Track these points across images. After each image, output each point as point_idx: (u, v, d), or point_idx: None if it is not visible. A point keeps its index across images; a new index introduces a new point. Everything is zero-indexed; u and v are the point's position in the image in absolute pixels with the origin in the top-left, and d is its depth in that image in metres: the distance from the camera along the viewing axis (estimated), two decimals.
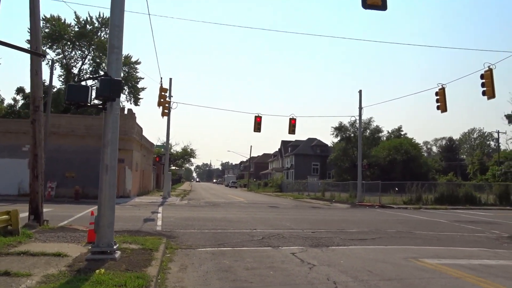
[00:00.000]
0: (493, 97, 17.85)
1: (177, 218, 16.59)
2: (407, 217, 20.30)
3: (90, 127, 28.88)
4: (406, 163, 58.31)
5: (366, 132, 61.67)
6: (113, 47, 7.90)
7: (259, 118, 28.82)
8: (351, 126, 62.16)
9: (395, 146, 61.02)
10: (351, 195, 35.47)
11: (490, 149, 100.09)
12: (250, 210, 22.42)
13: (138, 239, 9.98)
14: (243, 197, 42.19)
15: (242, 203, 30.48)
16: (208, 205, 26.10)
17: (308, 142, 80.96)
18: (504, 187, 34.75)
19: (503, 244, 12.13)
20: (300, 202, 34.74)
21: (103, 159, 7.82)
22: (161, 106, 23.54)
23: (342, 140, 63.80)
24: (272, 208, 25.50)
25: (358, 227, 15.18)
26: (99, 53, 44.34)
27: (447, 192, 32.04)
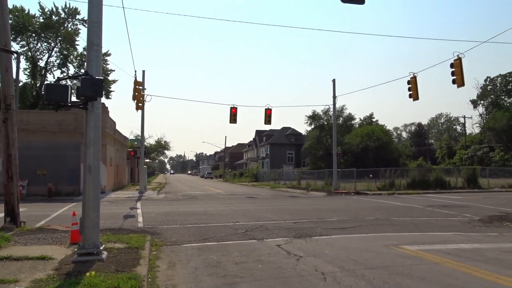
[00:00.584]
0: (463, 85, 18.46)
1: (157, 213, 16.50)
2: (382, 204, 20.84)
3: (61, 123, 28.14)
4: (378, 150, 59.63)
5: (339, 120, 62.51)
6: (92, 44, 7.73)
7: (235, 109, 28.85)
8: (325, 114, 62.92)
9: (367, 133, 62.22)
10: (326, 182, 36.06)
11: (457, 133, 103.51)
12: (229, 202, 22.50)
13: (122, 237, 9.91)
14: (220, 188, 42.23)
15: (220, 194, 30.52)
16: (186, 198, 26.02)
17: (283, 131, 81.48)
18: (472, 171, 36.08)
19: (475, 227, 12.67)
20: (278, 191, 35.08)
21: (86, 159, 7.70)
22: (136, 100, 23.15)
23: (316, 128, 64.48)
24: (251, 199, 25.66)
25: (337, 215, 15.50)
26: (67, 45, 43.08)
27: (419, 177, 33.02)
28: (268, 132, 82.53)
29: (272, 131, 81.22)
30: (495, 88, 76.68)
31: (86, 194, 7.65)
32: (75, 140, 27.71)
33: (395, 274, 6.81)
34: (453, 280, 6.47)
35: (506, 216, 15.00)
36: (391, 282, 6.38)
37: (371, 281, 6.41)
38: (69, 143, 27.86)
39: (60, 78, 7.21)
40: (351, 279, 6.57)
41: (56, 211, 17.19)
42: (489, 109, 76.26)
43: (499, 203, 20.25)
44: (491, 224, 13.33)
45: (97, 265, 7.06)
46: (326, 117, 62.62)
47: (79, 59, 44.26)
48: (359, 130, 65.78)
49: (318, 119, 63.65)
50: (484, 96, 78.21)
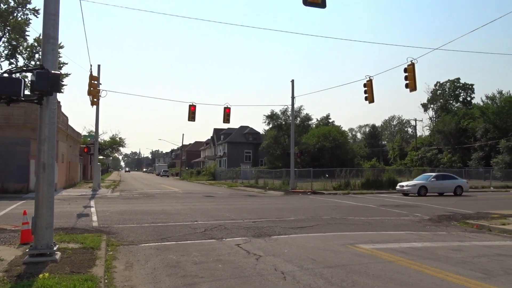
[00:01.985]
0: (415, 89, 19.20)
1: (112, 212, 16.08)
2: (338, 203, 21.37)
3: (9, 117, 26.76)
4: (334, 150, 60.99)
5: (296, 120, 63.35)
6: (48, 37, 7.42)
7: (194, 107, 28.54)
8: (283, 114, 63.58)
9: (324, 134, 63.46)
10: (284, 182, 36.48)
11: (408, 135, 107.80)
12: (187, 201, 22.28)
13: (76, 237, 9.59)
14: (177, 186, 41.71)
15: (177, 193, 30.16)
16: (143, 197, 25.52)
17: (241, 130, 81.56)
18: (422, 172, 37.78)
19: (426, 226, 13.29)
20: (235, 190, 35.10)
21: (40, 157, 7.38)
22: (91, 95, 22.42)
23: (274, 128, 65.03)
24: (208, 197, 25.54)
25: (295, 215, 15.75)
26: (16, 35, 40.95)
27: (373, 177, 34.13)
28: (226, 130, 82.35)
29: (230, 130, 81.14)
30: (444, 93, 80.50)
31: (40, 192, 7.35)
32: (24, 135, 26.45)
33: (352, 273, 7.03)
34: (406, 278, 6.76)
35: (454, 215, 15.84)
36: (349, 280, 6.58)
37: (329, 280, 6.58)
38: (18, 138, 26.55)
39: (12, 70, 6.88)
40: (310, 277, 6.71)
41: (4, 210, 16.35)
42: (438, 113, 79.97)
43: (447, 203, 21.33)
44: (440, 223, 14.02)
45: (51, 266, 6.81)
46: (284, 117, 63.33)
47: (29, 50, 42.18)
48: (316, 130, 67.01)
49: (276, 118, 64.27)
50: (434, 100, 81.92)
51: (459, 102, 78.93)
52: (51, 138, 7.47)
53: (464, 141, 63.66)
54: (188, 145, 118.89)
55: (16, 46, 41.57)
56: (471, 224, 13.46)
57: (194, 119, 28.56)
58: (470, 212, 16.84)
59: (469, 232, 12.24)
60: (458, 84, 78.89)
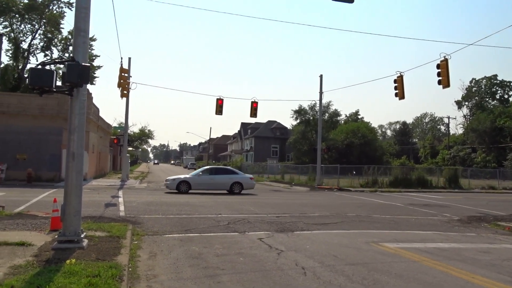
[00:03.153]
0: (448, 86, 18.72)
1: (139, 202, 16.46)
2: (364, 201, 21.15)
3: (43, 107, 27.69)
4: (363, 147, 60.23)
5: (325, 116, 62.89)
6: (79, 30, 7.64)
7: (221, 100, 28.72)
8: (311, 109, 63.14)
9: (352, 130, 62.74)
10: (310, 178, 36.32)
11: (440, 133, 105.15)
12: (212, 194, 22.53)
13: (103, 225, 9.89)
14: None
15: None
16: None
17: (268, 124, 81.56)
18: (453, 171, 36.81)
19: (454, 227, 12.99)
20: (261, 185, 35.20)
21: (70, 146, 7.64)
22: (121, 87, 22.92)
23: (302, 123, 64.72)
24: None
25: (319, 211, 15.70)
26: (51, 28, 42.27)
27: (401, 175, 33.52)
28: (254, 125, 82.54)
29: (258, 124, 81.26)
30: (480, 90, 78.00)
31: (69, 181, 7.61)
32: (57, 125, 27.32)
33: (374, 271, 6.98)
34: (430, 278, 6.66)
35: (485, 217, 15.40)
36: (370, 278, 6.53)
37: (350, 277, 6.55)
38: (51, 128, 27.45)
39: (45, 62, 7.12)
40: (330, 274, 6.71)
41: (36, 197, 17.01)
42: (473, 111, 77.60)
43: (479, 204, 20.75)
44: (469, 224, 13.68)
45: (78, 253, 7.06)
46: (312, 112, 62.92)
47: (63, 42, 43.50)
48: (345, 126, 66.29)
49: (304, 114, 63.93)
50: (468, 97, 79.52)
51: (495, 100, 76.33)
52: (81, 128, 7.71)
53: (500, 141, 61.53)
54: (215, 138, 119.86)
55: (51, 39, 42.94)
56: (503, 226, 13.07)
57: (221, 113, 28.74)
58: (502, 214, 16.34)
59: (500, 234, 11.90)
60: (495, 81, 76.25)
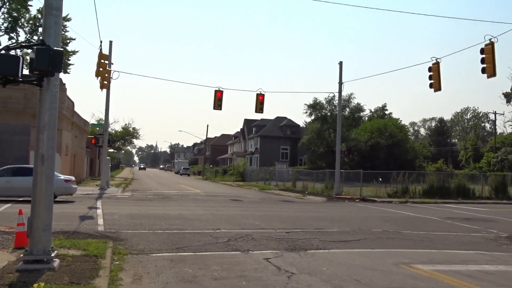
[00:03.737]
0: (494, 75, 18.63)
1: (122, 215, 16.52)
2: (393, 213, 21.12)
3: (7, 100, 27.90)
4: (391, 148, 60.04)
5: (345, 111, 62.67)
6: (51, 8, 7.68)
7: (220, 93, 28.76)
8: (328, 103, 62.86)
9: (378, 128, 62.59)
10: (327, 185, 36.33)
11: (485, 132, 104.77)
12: (209, 205, 22.61)
13: (78, 242, 9.92)
14: (199, 187, 42.31)
15: (198, 195, 30.64)
16: (158, 198, 26.09)
17: (277, 121, 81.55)
18: (501, 178, 36.60)
19: (502, 245, 12.92)
20: (268, 194, 35.25)
21: (38, 147, 7.68)
22: (100, 77, 23.02)
23: (317, 120, 64.50)
24: (235, 202, 25.83)
25: (338, 225, 15.68)
26: (17, 6, 42.53)
27: (437, 183, 33.43)
28: (259, 122, 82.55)
29: (264, 121, 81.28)
30: None
31: (37, 189, 7.64)
32: (23, 122, 27.51)
33: None
34: None
35: None
36: None
37: None
38: (16, 126, 27.65)
39: (9, 46, 7.15)
40: None
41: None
42: None
43: None
44: None
45: (47, 275, 7.08)
46: (330, 106, 62.73)
47: (31, 23, 43.70)
48: (369, 124, 66.12)
49: (320, 108, 63.71)
50: None
51: None
52: (52, 125, 7.74)
53: None
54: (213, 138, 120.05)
55: (17, 19, 43.17)
56: None
57: (220, 107, 28.77)
58: None
59: None
60: None
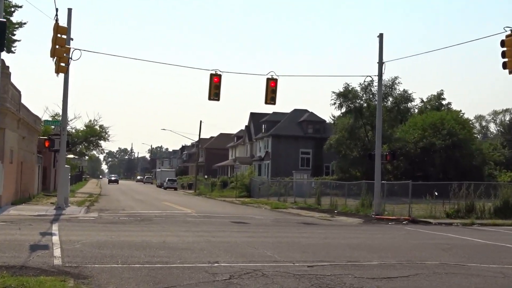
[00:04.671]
0: None
1: (86, 243, 16.50)
2: (454, 240, 21.01)
3: None
4: (450, 151, 59.70)
5: (387, 101, 62.44)
6: None
7: (217, 78, 28.80)
8: (364, 90, 62.58)
9: (432, 124, 62.32)
10: (363, 202, 36.21)
11: None
12: (204, 229, 22.57)
13: (27, 281, 9.91)
14: (190, 205, 42.30)
15: (189, 216, 30.64)
16: (134, 221, 26.04)
17: (294, 116, 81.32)
18: None
19: None
20: (283, 214, 35.16)
21: None
22: (56, 57, 23.01)
23: (349, 113, 64.28)
24: (239, 225, 25.82)
25: (379, 256, 15.58)
26: None
27: None
28: (271, 117, 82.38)
29: (277, 116, 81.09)
30: None
31: None
32: None
33: None
34: None
35: None
36: None
37: None
38: None
39: None
40: None
41: None
42: None
43: None
44: None
45: None
46: (367, 95, 62.51)
47: None
48: (420, 118, 65.88)
49: (353, 98, 63.45)
50: None
51: None
52: None
53: None
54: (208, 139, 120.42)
55: None
56: None
57: (218, 97, 28.79)
58: None
59: None
60: None
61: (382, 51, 33.60)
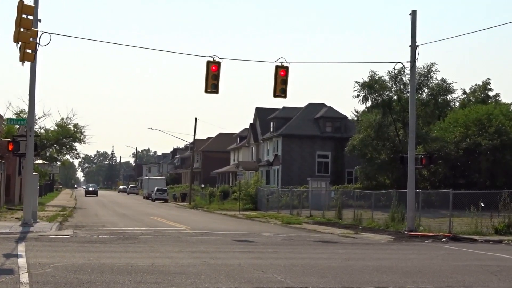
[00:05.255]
0: None
1: (59, 267, 16.51)
2: (505, 261, 20.99)
3: None
4: (499, 153, 59.43)
5: (422, 92, 62.28)
6: None
7: (216, 65, 28.86)
8: (393, 80, 62.41)
9: (478, 120, 62.09)
10: (394, 216, 36.13)
11: None
12: (201, 249, 22.57)
13: None
14: (184, 221, 42.32)
15: (183, 233, 30.63)
16: (117, 239, 26.05)
17: (309, 111, 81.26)
18: None
19: None
20: (297, 230, 35.11)
21: None
22: (20, 41, 23.12)
23: (376, 107, 64.04)
24: (243, 244, 25.83)
25: (414, 281, 15.57)
26: None
27: None
28: (281, 112, 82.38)
29: (289, 111, 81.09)
30: None
31: None
32: None
33: None
34: None
35: None
36: None
37: None
38: None
39: None
40: None
41: None
42: None
43: None
44: None
45: None
46: (397, 86, 62.33)
47: None
48: (462, 113, 65.66)
49: (380, 89, 63.19)
50: None
51: None
52: None
53: None
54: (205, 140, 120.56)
55: None
56: None
57: (216, 90, 28.87)
58: None
59: None
60: None
61: (415, 32, 33.52)
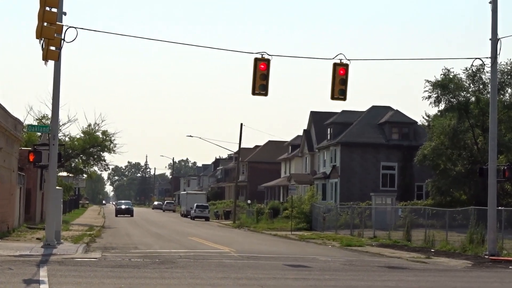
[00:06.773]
0: None
1: None
2: None
3: None
4: None
5: (504, 94, 61.71)
6: None
7: (265, 63, 28.92)
8: (471, 79, 62.05)
9: None
10: (472, 237, 35.84)
11: None
12: (248, 275, 22.49)
13: None
14: (228, 242, 42.32)
15: (227, 257, 30.58)
16: (152, 263, 26.09)
17: (372, 115, 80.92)
18: None
19: None
20: (358, 254, 34.98)
21: None
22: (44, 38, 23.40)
23: (450, 110, 63.70)
24: (297, 269, 25.72)
25: None
26: None
27: None
28: (340, 117, 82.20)
29: (348, 116, 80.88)
30: None
31: None
32: None
33: None
34: None
35: None
36: None
37: None
38: None
39: None
40: None
41: None
42: None
43: None
44: None
45: None
46: (475, 85, 61.88)
47: None
48: None
49: (455, 89, 62.84)
50: None
51: None
52: None
53: None
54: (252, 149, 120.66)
55: None
56: None
57: (265, 91, 28.91)
58: None
59: None
60: None
61: (496, 22, 33.12)
